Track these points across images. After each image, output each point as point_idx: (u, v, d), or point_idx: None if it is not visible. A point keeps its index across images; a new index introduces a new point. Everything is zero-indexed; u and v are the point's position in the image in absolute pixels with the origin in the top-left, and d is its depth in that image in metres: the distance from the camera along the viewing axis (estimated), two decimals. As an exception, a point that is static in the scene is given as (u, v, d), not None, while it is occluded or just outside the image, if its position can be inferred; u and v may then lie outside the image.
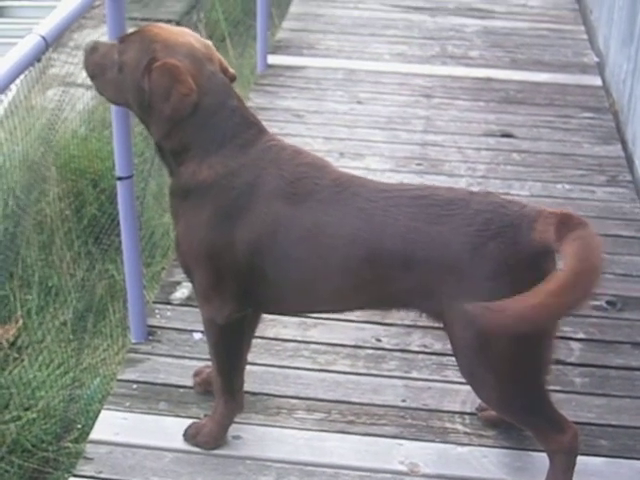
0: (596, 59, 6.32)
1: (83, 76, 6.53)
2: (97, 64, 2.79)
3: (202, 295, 2.89)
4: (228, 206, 2.72)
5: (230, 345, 2.94)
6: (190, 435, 3.07)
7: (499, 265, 2.56)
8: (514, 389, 2.73)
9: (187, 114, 2.67)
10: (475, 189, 4.58)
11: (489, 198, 2.67)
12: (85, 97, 7.14)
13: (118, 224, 3.47)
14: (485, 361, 2.68)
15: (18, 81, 6.82)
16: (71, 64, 7.92)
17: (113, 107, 3.18)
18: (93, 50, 2.81)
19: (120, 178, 3.26)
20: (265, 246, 2.72)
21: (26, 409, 3.68)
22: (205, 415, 3.15)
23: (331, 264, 2.70)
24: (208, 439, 3.04)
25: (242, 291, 2.84)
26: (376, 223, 2.64)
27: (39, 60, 2.63)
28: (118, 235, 4.22)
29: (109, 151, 5.27)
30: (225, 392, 3.00)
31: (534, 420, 2.80)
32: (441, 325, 2.76)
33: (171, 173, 2.83)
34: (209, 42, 2.81)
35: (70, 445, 3.54)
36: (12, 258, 4.61)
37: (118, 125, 3.20)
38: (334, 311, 3.09)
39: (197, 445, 3.05)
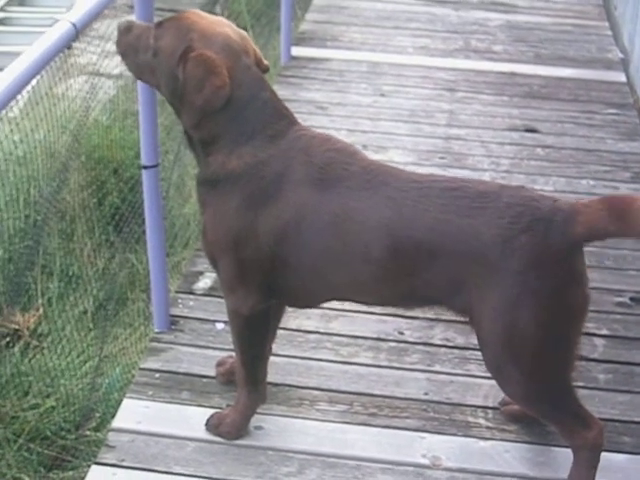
0: (620, 55, 6.29)
1: (105, 65, 6.57)
2: (130, 45, 2.77)
3: (227, 285, 2.88)
4: (256, 195, 2.71)
5: (254, 336, 2.94)
6: (212, 425, 3.06)
7: (530, 258, 2.55)
8: (541, 384, 2.71)
9: (219, 107, 2.66)
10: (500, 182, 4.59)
11: (521, 192, 2.66)
12: (106, 86, 7.16)
13: (139, 213, 3.47)
14: (513, 356, 2.66)
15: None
16: (93, 53, 7.93)
17: (140, 97, 3.18)
18: (127, 30, 2.78)
19: (145, 167, 3.26)
20: (290, 234, 2.71)
21: (46, 397, 3.69)
22: (227, 405, 3.15)
23: (356, 252, 2.69)
24: (230, 429, 3.04)
25: (266, 282, 2.83)
26: (405, 213, 2.62)
27: (69, 47, 2.62)
28: (139, 224, 4.24)
29: (131, 140, 5.30)
30: (248, 383, 2.99)
31: (559, 415, 2.79)
32: (466, 319, 2.75)
33: (199, 163, 2.82)
34: (245, 33, 2.79)
35: (90, 433, 3.55)
36: (34, 247, 4.60)
37: (144, 114, 3.19)
38: (355, 302, 3.06)
39: (219, 435, 3.05)
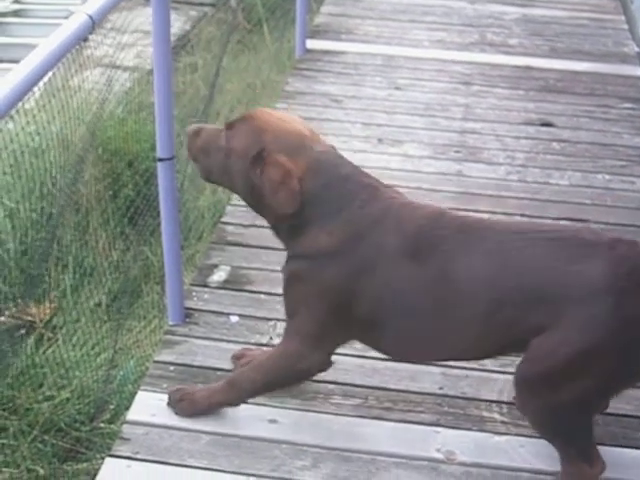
0: (637, 49, 6.27)
1: (121, 58, 6.57)
2: (201, 148, 2.84)
3: (298, 333, 2.86)
4: (352, 270, 2.70)
5: (287, 383, 3.00)
6: (173, 399, 3.09)
7: (636, 317, 2.50)
8: (562, 415, 2.66)
9: (291, 212, 2.69)
10: (514, 177, 4.59)
11: (638, 248, 2.59)
12: (122, 79, 7.16)
13: (154, 206, 3.47)
14: (554, 384, 2.60)
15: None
16: (109, 46, 7.93)
17: (155, 89, 3.18)
18: (196, 134, 2.85)
19: (161, 159, 3.25)
20: (389, 303, 2.70)
21: (60, 389, 3.69)
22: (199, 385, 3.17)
23: (460, 311, 2.65)
24: (188, 407, 3.06)
25: (345, 342, 2.90)
26: (510, 263, 2.58)
27: (86, 39, 2.62)
28: (154, 217, 4.25)
29: (146, 133, 5.30)
30: (241, 396, 3.03)
31: (567, 444, 2.76)
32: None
33: (287, 246, 2.84)
34: (311, 126, 2.84)
35: (103, 425, 3.55)
36: (48, 238, 4.60)
37: (160, 106, 3.19)
38: (454, 360, 3.10)
39: (173, 408, 3.08)
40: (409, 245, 2.66)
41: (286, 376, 2.94)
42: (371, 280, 2.69)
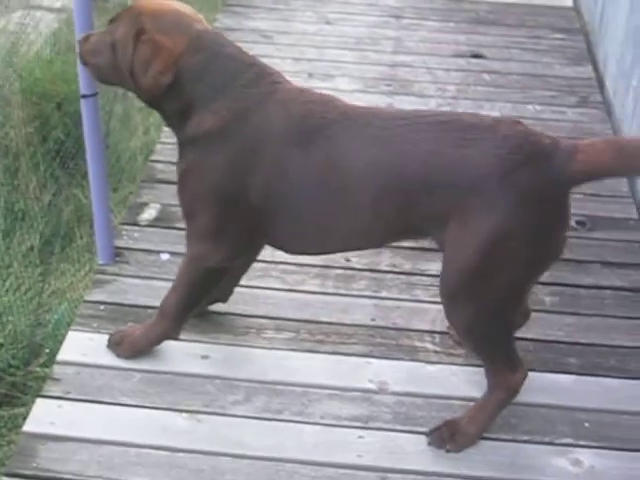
0: (567, -20, 6.25)
1: (47, 1, 6.39)
2: (91, 50, 2.86)
3: (197, 235, 2.86)
4: (238, 151, 2.69)
5: (204, 288, 2.95)
6: (113, 342, 3.08)
7: (528, 193, 2.50)
8: (490, 319, 2.68)
9: (161, 91, 2.70)
10: (445, 109, 4.58)
11: (518, 126, 2.59)
12: (48, 19, 7.02)
13: (84, 148, 3.42)
14: (476, 284, 2.60)
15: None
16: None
17: (76, 26, 3.11)
18: (86, 39, 2.88)
19: (85, 96, 3.20)
20: (279, 188, 2.69)
21: (-6, 334, 3.64)
22: (134, 325, 3.16)
23: (347, 198, 2.65)
24: (129, 348, 3.06)
25: (247, 237, 2.85)
26: (394, 150, 2.57)
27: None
28: (84, 159, 4.18)
29: (74, 74, 5.19)
30: (174, 320, 3.01)
31: (494, 353, 2.78)
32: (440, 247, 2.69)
33: (178, 131, 2.80)
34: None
35: (39, 370, 3.50)
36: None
37: (81, 41, 3.12)
38: (352, 249, 3.07)
39: (115, 353, 3.07)
40: (295, 128, 2.65)
41: (201, 280, 2.92)
42: (258, 163, 2.67)
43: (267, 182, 2.68)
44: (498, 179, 2.50)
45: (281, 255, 3.48)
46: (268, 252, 3.48)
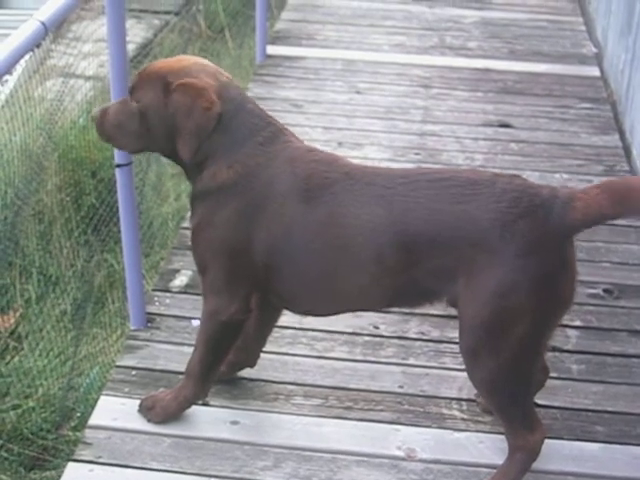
0: (594, 50, 6.34)
1: (82, 67, 6.55)
2: (115, 124, 2.85)
3: (211, 288, 2.91)
4: (246, 207, 2.75)
5: (224, 342, 2.98)
6: (145, 407, 3.11)
7: (529, 244, 2.55)
8: (511, 374, 2.71)
9: (212, 127, 2.72)
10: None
11: (516, 180, 2.66)
12: (84, 88, 7.16)
13: (116, 213, 3.48)
14: (495, 341, 2.64)
15: (17, 71, 6.84)
16: (70, 55, 7.94)
17: (112, 95, 3.20)
18: (103, 114, 2.88)
19: (119, 165, 3.27)
20: (281, 245, 2.74)
21: (25, 397, 3.69)
22: (164, 389, 3.18)
23: (351, 255, 2.70)
24: (161, 413, 3.08)
25: (257, 291, 2.87)
26: (396, 208, 2.63)
27: (38, 46, 2.65)
28: (116, 225, 4.25)
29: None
30: (199, 379, 3.03)
31: (514, 411, 2.79)
32: (454, 307, 2.73)
33: (193, 180, 2.86)
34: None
35: (69, 433, 3.56)
36: (12, 247, 4.59)
37: (117, 112, 3.20)
38: (360, 309, 3.10)
39: (148, 418, 3.09)
40: (299, 185, 2.71)
41: (218, 335, 2.94)
42: (263, 219, 2.73)
43: (270, 238, 2.74)
44: (498, 233, 2.55)
45: (310, 322, 3.56)
46: (297, 319, 3.55)
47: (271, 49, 6.05)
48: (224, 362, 3.15)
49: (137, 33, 8.51)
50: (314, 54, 6.09)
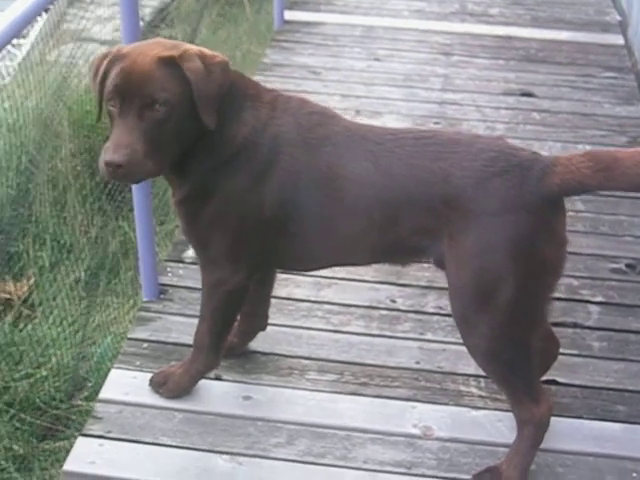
0: (618, 18, 6.21)
1: (96, 31, 6.47)
2: (134, 161, 2.50)
3: (214, 261, 2.84)
4: (261, 164, 2.70)
5: (232, 310, 2.93)
6: (157, 383, 3.06)
7: (503, 203, 2.52)
8: (505, 340, 2.64)
9: (230, 81, 2.67)
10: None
11: (497, 140, 2.65)
12: (99, 52, 7.08)
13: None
14: (480, 304, 2.60)
15: (32, 35, 6.76)
16: (86, 19, 7.86)
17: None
18: (119, 165, 2.49)
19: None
20: (289, 196, 2.71)
21: (38, 366, 3.63)
22: (175, 363, 3.13)
23: (345, 207, 2.69)
24: (174, 388, 3.04)
25: (260, 253, 2.83)
26: (382, 164, 2.64)
27: (46, 10, 2.57)
28: (131, 192, 4.18)
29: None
30: (210, 349, 2.97)
31: (515, 381, 2.73)
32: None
33: (193, 164, 2.73)
34: None
35: (82, 403, 3.51)
36: (25, 214, 4.55)
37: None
38: (349, 263, 3.03)
39: (160, 394, 3.04)
40: (305, 135, 2.70)
41: (225, 305, 2.90)
42: (275, 172, 2.69)
43: (281, 190, 2.70)
44: (471, 190, 2.53)
45: (326, 295, 3.50)
46: (313, 292, 3.50)
47: (289, 14, 5.95)
48: (235, 333, 3.14)
49: (155, -3, 8.43)
50: (333, 20, 5.98)
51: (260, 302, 3.18)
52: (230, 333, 3.04)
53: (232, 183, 2.73)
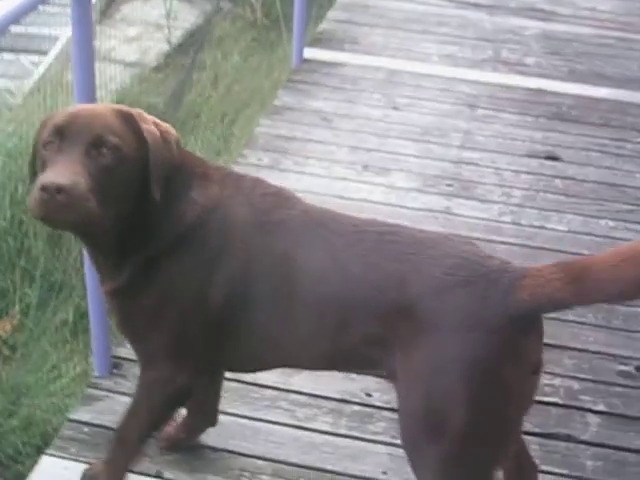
0: (665, 75, 5.80)
1: (122, 53, 6.24)
2: (91, 191, 2.20)
3: (155, 357, 2.52)
4: (208, 248, 2.40)
5: (170, 411, 2.61)
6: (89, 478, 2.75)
7: (463, 318, 2.18)
8: (459, 476, 2.29)
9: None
10: (507, 219, 4.21)
11: (465, 246, 2.32)
12: (121, 76, 6.85)
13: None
14: (432, 434, 2.24)
15: (52, 54, 6.51)
16: (115, 38, 7.63)
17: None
18: (50, 199, 2.14)
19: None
20: (239, 287, 2.39)
21: (9, 415, 3.41)
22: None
23: (297, 303, 2.37)
24: None
25: (205, 352, 2.51)
26: (340, 259, 2.32)
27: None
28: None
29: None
30: (136, 446, 2.64)
31: None
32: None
33: (132, 248, 2.41)
34: None
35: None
36: (16, 248, 4.31)
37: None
38: (300, 367, 2.69)
39: None
40: (259, 216, 2.40)
41: (164, 405, 2.57)
42: (225, 257, 2.38)
43: (230, 278, 2.38)
44: (429, 300, 2.20)
45: (295, 383, 3.18)
46: (282, 379, 3.17)
47: (309, 52, 5.60)
48: (181, 427, 2.86)
49: (186, 18, 8.17)
50: (355, 61, 5.61)
51: (208, 398, 2.85)
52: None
53: (176, 270, 2.41)
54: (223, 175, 2.47)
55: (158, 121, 2.41)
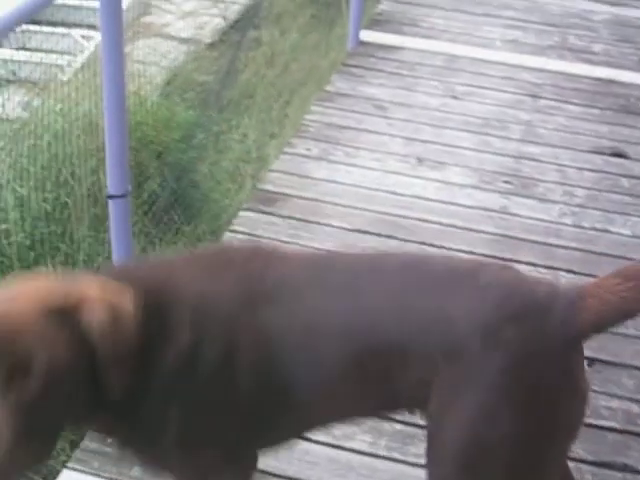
0: None
1: (177, 28, 6.11)
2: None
3: (208, 464, 2.23)
4: (215, 355, 2.11)
5: None
6: None
7: (518, 357, 1.99)
8: None
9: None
10: (568, 220, 3.98)
11: (505, 272, 2.13)
12: (175, 53, 6.71)
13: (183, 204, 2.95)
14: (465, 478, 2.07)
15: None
16: (170, 13, 7.50)
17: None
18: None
19: (112, 197, 2.74)
20: (262, 370, 2.14)
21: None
22: None
23: (328, 365, 2.13)
24: None
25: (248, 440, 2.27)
26: (362, 302, 2.10)
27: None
28: (178, 215, 3.89)
29: (179, 122, 4.88)
30: None
31: None
32: None
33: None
34: None
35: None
36: (58, 232, 4.24)
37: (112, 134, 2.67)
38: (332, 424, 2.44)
39: None
40: (254, 289, 2.12)
41: None
42: (239, 345, 2.10)
43: (251, 360, 2.12)
44: (479, 340, 1.99)
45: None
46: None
47: (366, 34, 5.39)
48: None
49: (245, -7, 8.00)
50: (414, 44, 5.39)
51: None
52: None
53: (196, 382, 2.11)
54: (194, 292, 2.11)
55: (106, 294, 1.95)
